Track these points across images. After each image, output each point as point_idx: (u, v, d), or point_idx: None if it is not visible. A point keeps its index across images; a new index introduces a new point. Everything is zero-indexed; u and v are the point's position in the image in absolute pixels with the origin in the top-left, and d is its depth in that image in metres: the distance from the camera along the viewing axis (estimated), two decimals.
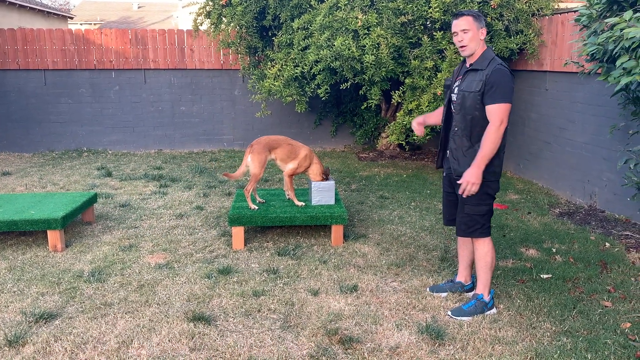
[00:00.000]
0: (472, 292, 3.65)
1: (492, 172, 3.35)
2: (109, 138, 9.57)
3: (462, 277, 3.84)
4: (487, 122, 3.26)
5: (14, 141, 9.38)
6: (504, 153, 3.42)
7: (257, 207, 4.81)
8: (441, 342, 3.15)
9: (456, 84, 3.48)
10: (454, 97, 3.48)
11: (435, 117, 3.81)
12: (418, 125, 3.84)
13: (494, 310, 3.52)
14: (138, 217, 5.54)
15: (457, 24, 3.34)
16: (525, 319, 3.44)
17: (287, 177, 4.95)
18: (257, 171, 4.75)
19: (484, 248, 3.47)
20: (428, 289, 3.85)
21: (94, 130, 9.52)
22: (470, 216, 3.43)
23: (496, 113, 3.22)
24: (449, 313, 3.49)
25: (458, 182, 3.35)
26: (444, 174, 3.68)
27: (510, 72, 3.30)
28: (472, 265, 3.76)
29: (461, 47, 3.36)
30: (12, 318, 3.41)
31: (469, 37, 3.32)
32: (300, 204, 4.91)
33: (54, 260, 4.36)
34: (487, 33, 6.85)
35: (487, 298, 3.50)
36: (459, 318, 3.44)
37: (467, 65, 3.42)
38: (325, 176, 5.01)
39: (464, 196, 3.32)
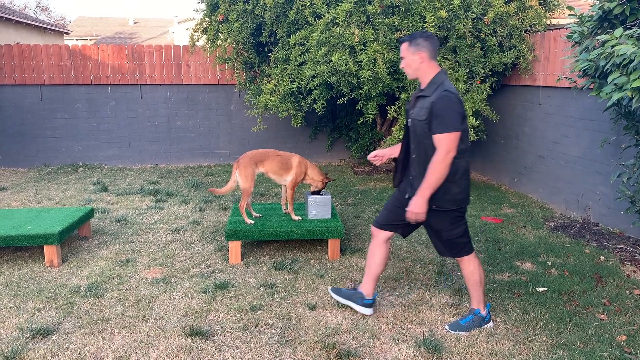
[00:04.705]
0: (470, 308, 3.63)
1: (452, 201, 3.30)
2: (105, 153, 9.57)
3: (364, 288, 3.67)
4: None
5: (9, 156, 9.37)
6: (466, 180, 3.33)
7: (253, 222, 4.82)
8: (439, 356, 3.16)
9: (411, 110, 3.41)
10: (409, 123, 3.44)
11: (397, 151, 3.70)
12: (375, 158, 3.75)
13: (490, 324, 3.54)
14: (134, 232, 5.54)
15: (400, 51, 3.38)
16: (521, 332, 3.45)
17: (290, 190, 4.93)
18: (247, 185, 4.75)
19: (469, 267, 3.47)
20: (329, 289, 3.82)
21: (90, 145, 9.52)
22: (450, 241, 3.42)
23: (442, 142, 3.14)
24: (447, 327, 3.50)
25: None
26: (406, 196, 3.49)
27: (457, 98, 3.19)
28: (377, 279, 3.66)
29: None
30: (9, 334, 3.40)
31: (404, 63, 3.34)
32: (297, 218, 4.93)
33: (50, 276, 4.35)
34: (481, 48, 6.95)
35: (483, 312, 3.51)
36: (456, 332, 3.45)
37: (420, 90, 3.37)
38: (326, 177, 5.03)
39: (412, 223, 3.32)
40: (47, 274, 4.40)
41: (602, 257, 4.77)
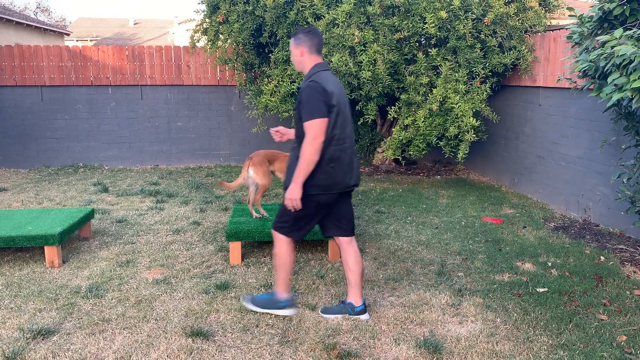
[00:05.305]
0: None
1: (315, 186, 3.37)
2: (105, 154, 9.58)
3: (351, 297, 3.66)
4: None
5: (10, 157, 9.38)
6: (335, 168, 3.38)
7: (260, 216, 5.02)
8: (439, 356, 3.17)
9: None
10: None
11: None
12: (276, 132, 3.86)
13: (288, 312, 3.62)
14: (135, 232, 5.55)
15: None
16: (522, 332, 3.46)
17: None
18: (266, 181, 4.92)
19: (279, 247, 3.57)
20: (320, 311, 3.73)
21: (91, 146, 9.53)
22: (285, 211, 3.46)
23: (308, 129, 3.27)
24: (246, 297, 3.74)
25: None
26: None
27: (322, 87, 3.28)
28: (359, 285, 3.63)
29: None
30: (10, 334, 3.40)
31: (292, 57, 3.53)
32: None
33: (51, 276, 4.36)
34: (481, 49, 6.96)
35: (280, 297, 3.62)
36: (249, 306, 3.67)
37: None
38: None
39: (292, 211, 3.39)
40: (48, 274, 4.40)
41: (602, 258, 4.77)
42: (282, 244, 3.56)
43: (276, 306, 3.63)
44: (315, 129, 3.25)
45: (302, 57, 3.45)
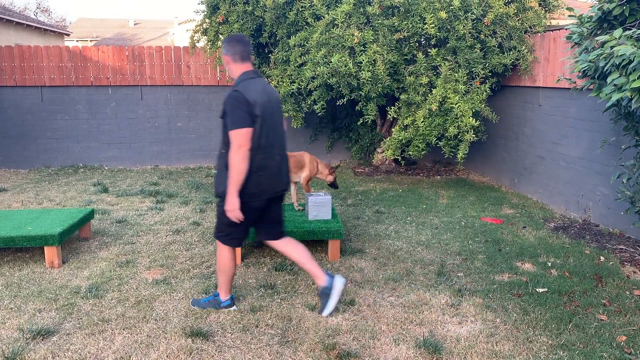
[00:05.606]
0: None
1: (245, 194, 3.44)
2: (105, 154, 9.59)
3: (318, 280, 3.79)
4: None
5: (10, 157, 9.38)
6: (262, 177, 3.47)
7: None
8: (439, 357, 3.17)
9: None
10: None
11: None
12: None
13: (233, 308, 3.76)
14: (135, 233, 5.55)
15: None
16: (521, 332, 3.46)
17: (305, 186, 5.30)
18: None
19: (220, 253, 3.67)
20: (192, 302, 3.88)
21: (90, 146, 9.54)
22: (220, 220, 3.61)
23: (232, 138, 3.33)
24: (192, 301, 3.82)
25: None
26: None
27: (244, 97, 3.33)
28: (315, 264, 3.79)
29: None
30: (10, 335, 3.40)
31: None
32: (310, 189, 5.39)
33: (51, 277, 4.36)
34: (481, 49, 6.97)
35: (222, 298, 3.74)
36: (193, 306, 3.77)
37: None
38: (333, 169, 5.44)
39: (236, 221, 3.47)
40: (48, 275, 4.41)
41: (602, 258, 4.77)
42: (223, 251, 3.66)
43: (218, 306, 3.75)
44: (240, 138, 3.31)
45: (229, 65, 3.52)
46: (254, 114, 3.36)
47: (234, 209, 3.40)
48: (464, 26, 6.67)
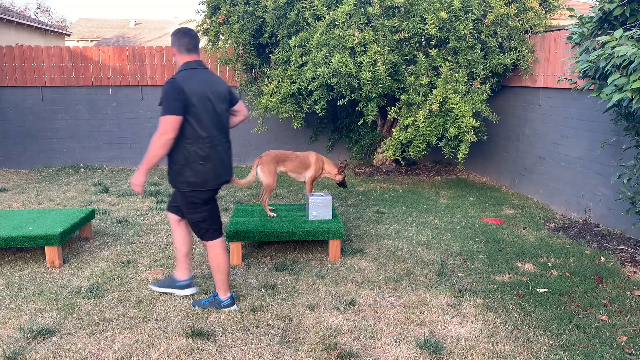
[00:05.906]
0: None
1: (185, 183, 3.54)
2: (105, 154, 9.59)
3: (177, 272, 4.00)
4: (177, 136, 3.43)
5: (10, 157, 9.39)
6: (204, 166, 3.52)
7: (275, 215, 5.11)
8: (439, 357, 3.17)
9: None
10: None
11: None
12: None
13: (233, 307, 3.76)
14: (135, 233, 5.55)
15: None
16: (522, 333, 3.46)
17: (309, 185, 5.29)
18: (270, 181, 5.04)
19: (211, 252, 3.71)
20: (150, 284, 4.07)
21: (91, 146, 9.54)
22: (193, 223, 3.69)
23: (160, 123, 3.39)
24: (192, 302, 3.83)
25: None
26: None
27: (179, 85, 3.38)
28: (187, 259, 3.95)
29: None
30: (10, 334, 3.41)
31: None
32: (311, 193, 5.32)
33: (51, 277, 4.36)
34: (482, 50, 6.97)
35: (222, 297, 3.75)
36: (195, 307, 3.78)
37: None
38: (342, 169, 5.44)
39: (137, 192, 3.56)
40: (49, 274, 4.41)
41: (602, 258, 4.77)
42: (214, 248, 3.70)
43: (219, 306, 3.75)
44: (166, 125, 3.36)
45: (175, 56, 3.60)
46: (189, 103, 3.39)
47: (136, 184, 3.51)
48: (464, 26, 6.67)
